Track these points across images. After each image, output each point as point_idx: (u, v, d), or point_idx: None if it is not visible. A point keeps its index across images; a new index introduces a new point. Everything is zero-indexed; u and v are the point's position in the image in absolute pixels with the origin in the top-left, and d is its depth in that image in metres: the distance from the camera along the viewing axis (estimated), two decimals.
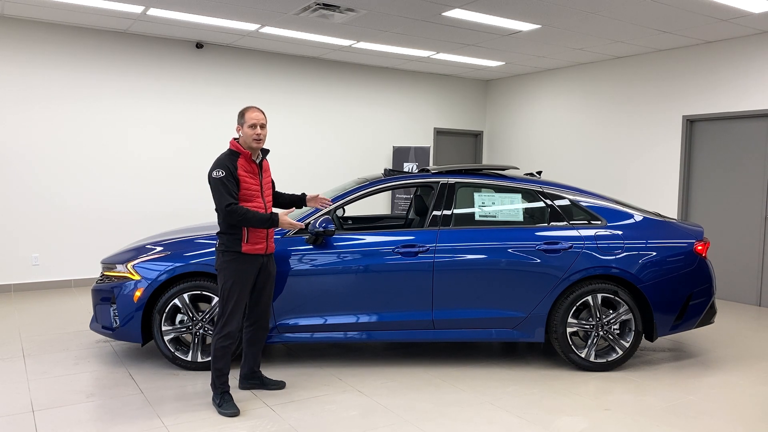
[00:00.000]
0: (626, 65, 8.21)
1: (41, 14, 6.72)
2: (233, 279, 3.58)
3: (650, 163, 7.93)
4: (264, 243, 3.68)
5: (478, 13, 6.21)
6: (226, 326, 3.59)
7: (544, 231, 4.49)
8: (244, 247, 3.60)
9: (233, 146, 3.64)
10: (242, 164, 3.60)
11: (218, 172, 3.52)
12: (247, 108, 3.64)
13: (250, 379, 3.98)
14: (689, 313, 4.55)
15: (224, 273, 3.61)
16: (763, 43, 6.79)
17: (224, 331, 3.59)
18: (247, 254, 3.62)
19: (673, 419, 3.65)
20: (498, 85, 10.36)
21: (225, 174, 3.51)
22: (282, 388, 4.01)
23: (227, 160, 3.58)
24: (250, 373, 3.98)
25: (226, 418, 3.52)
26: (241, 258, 3.60)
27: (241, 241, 3.59)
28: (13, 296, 6.82)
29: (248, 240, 3.60)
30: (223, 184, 3.50)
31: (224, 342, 3.60)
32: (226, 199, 3.49)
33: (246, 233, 3.60)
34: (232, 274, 3.59)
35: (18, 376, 4.17)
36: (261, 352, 4.00)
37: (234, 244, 3.59)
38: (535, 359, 4.78)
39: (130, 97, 7.56)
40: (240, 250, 3.59)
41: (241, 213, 3.50)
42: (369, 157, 9.42)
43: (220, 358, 3.61)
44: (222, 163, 3.56)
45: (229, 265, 3.59)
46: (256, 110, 3.63)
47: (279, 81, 8.57)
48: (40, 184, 7.11)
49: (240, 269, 3.60)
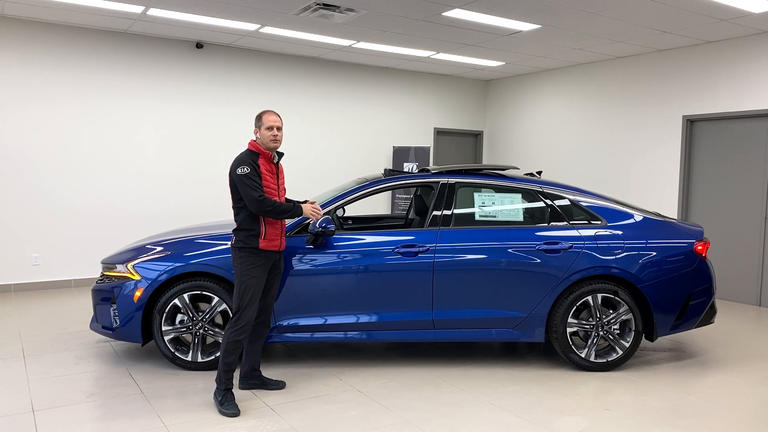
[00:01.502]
0: (626, 65, 8.21)
1: (41, 14, 6.72)
2: (251, 274, 3.68)
3: (650, 163, 7.93)
4: (279, 240, 3.82)
5: (478, 13, 6.21)
6: (241, 320, 3.66)
7: (544, 231, 4.49)
8: (262, 243, 3.71)
9: (253, 147, 3.78)
10: (263, 163, 3.75)
11: (243, 169, 3.66)
12: (265, 111, 3.80)
13: (250, 378, 4.00)
14: (689, 313, 4.54)
15: (242, 268, 3.70)
16: (763, 43, 6.79)
17: (239, 325, 3.65)
18: (263, 250, 3.73)
19: (673, 419, 3.65)
20: (498, 85, 10.36)
21: (250, 170, 3.66)
22: (282, 388, 4.02)
23: (249, 157, 3.73)
24: (250, 371, 4.00)
25: (226, 417, 3.53)
26: (258, 254, 3.71)
27: (258, 238, 3.71)
28: (13, 296, 6.82)
29: (265, 236, 3.72)
30: (250, 179, 3.65)
31: (238, 336, 3.66)
32: (257, 192, 3.63)
33: (264, 230, 3.72)
34: (250, 270, 3.69)
35: (18, 376, 4.17)
36: (261, 350, 4.03)
37: (251, 240, 3.70)
38: (535, 359, 4.78)
39: (130, 97, 7.56)
40: (257, 246, 3.70)
41: (272, 202, 3.65)
42: (369, 157, 9.42)
43: (231, 353, 3.66)
44: (245, 161, 3.70)
45: (247, 260, 3.70)
46: (273, 114, 3.80)
47: (279, 81, 8.57)
48: (40, 183, 7.11)
49: (257, 264, 3.70)
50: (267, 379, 4.04)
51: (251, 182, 3.64)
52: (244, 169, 3.66)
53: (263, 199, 3.63)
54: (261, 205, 3.62)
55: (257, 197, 3.62)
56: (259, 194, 3.63)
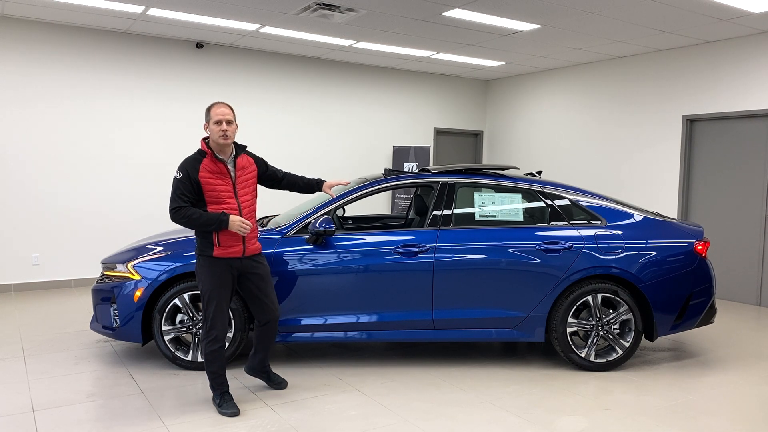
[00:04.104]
0: (626, 65, 8.21)
1: (41, 14, 6.72)
2: (210, 284, 3.50)
3: (650, 163, 7.93)
4: (240, 246, 3.55)
5: (478, 13, 6.21)
6: (212, 330, 3.52)
7: (544, 231, 4.49)
8: (216, 250, 3.50)
9: (201, 145, 3.54)
10: (206, 165, 3.47)
11: (177, 174, 3.46)
12: (213, 104, 3.53)
13: (258, 371, 3.96)
14: (689, 313, 4.54)
15: (200, 278, 3.55)
16: (763, 43, 6.79)
17: (210, 336, 3.52)
18: (219, 258, 3.51)
19: (673, 419, 3.65)
20: (498, 85, 10.36)
21: (182, 176, 3.43)
22: (284, 387, 3.99)
23: (190, 161, 3.49)
24: (259, 365, 3.94)
25: (226, 417, 3.52)
26: (214, 262, 3.51)
27: (212, 245, 3.49)
28: (13, 296, 6.82)
29: (220, 243, 3.49)
30: (176, 186, 3.44)
31: (213, 346, 3.54)
32: (174, 202, 3.42)
33: (216, 237, 3.48)
34: (208, 279, 3.51)
35: (18, 376, 4.17)
36: (271, 347, 3.92)
37: (206, 247, 3.51)
38: (535, 359, 4.78)
39: (130, 97, 7.56)
40: (211, 254, 3.50)
41: (185, 215, 3.40)
42: (369, 157, 9.42)
43: (212, 362, 3.57)
44: (182, 165, 3.48)
45: (203, 269, 3.53)
46: (222, 105, 3.51)
47: (279, 81, 8.57)
48: (40, 183, 7.11)
49: (214, 273, 3.50)
50: (273, 375, 3.99)
51: (176, 189, 3.42)
52: (178, 173, 3.44)
53: (175, 212, 3.40)
54: (172, 216, 3.40)
55: (170, 208, 3.42)
56: (174, 206, 3.40)
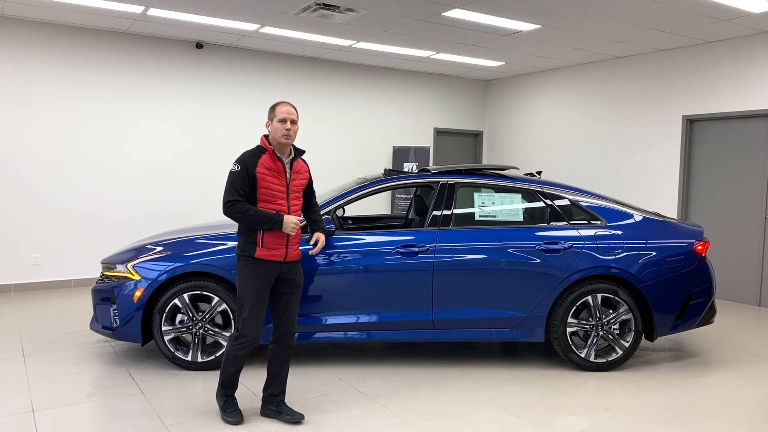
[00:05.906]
0: (626, 65, 8.21)
1: (41, 14, 6.72)
2: (248, 286, 3.36)
3: (650, 163, 7.93)
4: (282, 249, 3.41)
5: (478, 13, 6.21)
6: (241, 337, 3.37)
7: (543, 231, 4.49)
8: (258, 251, 3.36)
9: (261, 142, 3.45)
10: (265, 161, 3.38)
11: (234, 166, 3.35)
12: (279, 102, 3.44)
13: (269, 404, 3.55)
14: (689, 313, 4.55)
15: (239, 278, 3.42)
16: (763, 43, 6.79)
17: (239, 340, 3.37)
18: (261, 260, 3.37)
19: (673, 419, 3.65)
20: (498, 85, 10.36)
21: (240, 169, 3.33)
22: (298, 422, 3.48)
23: (249, 155, 3.39)
24: (270, 396, 3.55)
25: (226, 419, 3.50)
26: (255, 263, 3.37)
27: (255, 246, 3.36)
28: (13, 296, 6.82)
29: (263, 244, 3.36)
30: (233, 178, 3.33)
31: (240, 351, 3.39)
32: (229, 195, 3.31)
33: (261, 237, 3.36)
34: (247, 280, 3.37)
35: (18, 376, 4.17)
36: (286, 376, 3.56)
37: (248, 248, 3.38)
38: (535, 359, 4.78)
39: (130, 97, 7.56)
40: (254, 254, 3.36)
41: (240, 210, 3.29)
42: (369, 157, 9.42)
43: (232, 365, 3.43)
44: (241, 158, 3.38)
45: (244, 270, 3.39)
46: (288, 104, 3.42)
47: (279, 81, 8.57)
48: (40, 184, 7.11)
49: (255, 275, 3.36)
50: (285, 408, 3.54)
51: (234, 182, 3.31)
52: (235, 166, 3.34)
53: (230, 205, 3.29)
54: (227, 210, 3.30)
55: (224, 200, 3.31)
56: (230, 198, 3.29)
